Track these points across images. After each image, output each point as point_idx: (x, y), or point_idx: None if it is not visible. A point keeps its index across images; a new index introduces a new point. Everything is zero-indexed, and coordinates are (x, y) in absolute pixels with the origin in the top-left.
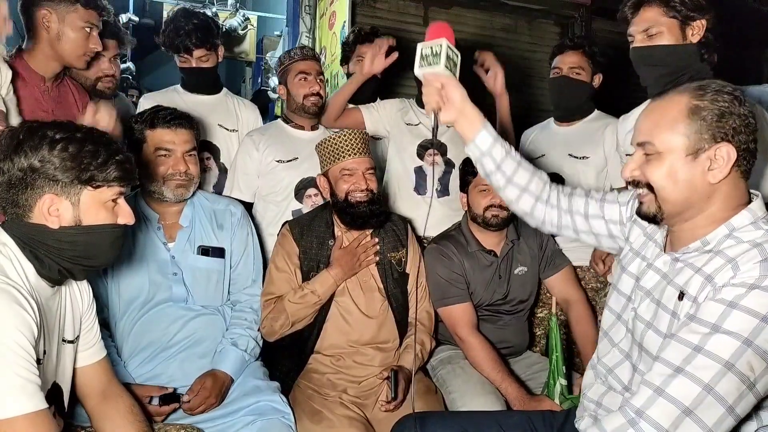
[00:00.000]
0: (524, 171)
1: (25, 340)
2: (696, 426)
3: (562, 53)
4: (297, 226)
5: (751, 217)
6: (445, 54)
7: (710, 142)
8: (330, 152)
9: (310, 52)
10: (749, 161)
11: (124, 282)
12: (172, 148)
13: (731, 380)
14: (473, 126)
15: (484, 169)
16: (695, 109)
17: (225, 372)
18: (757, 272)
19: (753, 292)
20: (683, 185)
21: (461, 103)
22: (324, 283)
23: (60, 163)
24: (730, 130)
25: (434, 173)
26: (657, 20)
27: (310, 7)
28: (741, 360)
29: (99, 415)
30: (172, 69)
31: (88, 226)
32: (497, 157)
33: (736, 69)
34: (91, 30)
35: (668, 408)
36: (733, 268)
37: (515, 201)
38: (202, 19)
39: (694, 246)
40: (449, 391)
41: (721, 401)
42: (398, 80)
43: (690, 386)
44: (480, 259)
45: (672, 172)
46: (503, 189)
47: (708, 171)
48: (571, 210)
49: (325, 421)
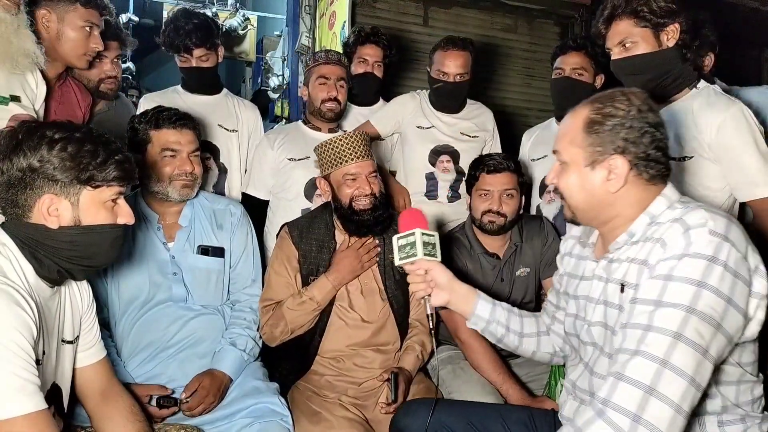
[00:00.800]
0: (529, 318)
1: (25, 340)
2: (662, 403)
3: (564, 54)
4: (296, 228)
5: (667, 201)
6: (421, 243)
7: (604, 155)
8: (331, 156)
9: (335, 56)
10: (653, 167)
11: (123, 282)
12: (178, 149)
13: (684, 350)
14: (468, 300)
15: (495, 335)
16: (591, 123)
17: (223, 372)
18: (683, 242)
19: (683, 260)
20: (586, 194)
21: (449, 283)
22: (322, 289)
23: (59, 163)
24: (622, 141)
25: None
26: (630, 32)
27: (310, 7)
28: (688, 328)
29: (99, 415)
30: (172, 69)
31: (87, 226)
32: (502, 319)
33: (736, 69)
34: (91, 29)
35: (631, 391)
36: (662, 245)
37: (537, 351)
38: (202, 19)
39: (621, 240)
40: (449, 392)
41: (680, 373)
42: (399, 80)
43: (647, 365)
44: (482, 262)
45: (576, 181)
46: (520, 346)
47: (607, 181)
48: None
49: (324, 422)
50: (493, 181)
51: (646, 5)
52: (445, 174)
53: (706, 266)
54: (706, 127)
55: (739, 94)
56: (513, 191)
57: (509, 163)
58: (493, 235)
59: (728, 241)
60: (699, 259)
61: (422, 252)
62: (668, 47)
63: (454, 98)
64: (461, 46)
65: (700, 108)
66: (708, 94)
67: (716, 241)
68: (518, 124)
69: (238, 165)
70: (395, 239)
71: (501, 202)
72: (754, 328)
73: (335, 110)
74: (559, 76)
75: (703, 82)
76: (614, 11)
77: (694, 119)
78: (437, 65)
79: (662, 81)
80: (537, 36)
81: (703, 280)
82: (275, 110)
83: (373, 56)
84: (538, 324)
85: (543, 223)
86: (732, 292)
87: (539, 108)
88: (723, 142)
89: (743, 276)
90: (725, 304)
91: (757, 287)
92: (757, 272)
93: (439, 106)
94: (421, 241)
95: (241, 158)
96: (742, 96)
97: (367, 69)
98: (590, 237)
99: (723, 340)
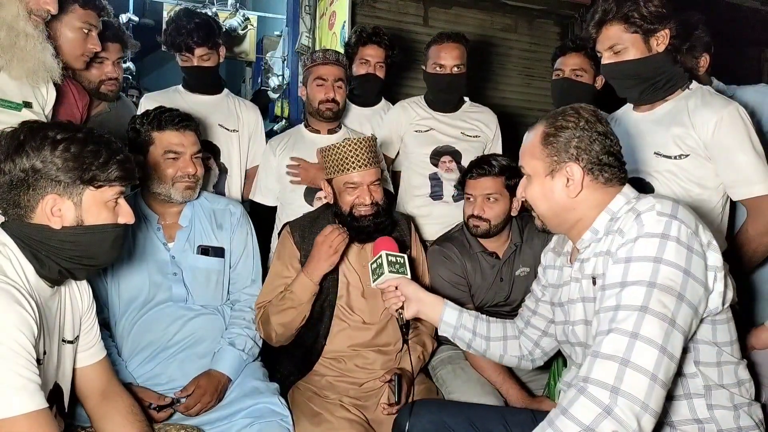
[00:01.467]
0: (496, 323)
1: (26, 339)
2: (638, 373)
3: (564, 55)
4: (298, 229)
5: (624, 198)
6: (386, 263)
7: (560, 163)
8: (334, 162)
9: (333, 56)
10: (607, 170)
11: (124, 282)
12: (181, 151)
13: (651, 321)
14: (435, 308)
15: (464, 341)
16: (546, 135)
17: (221, 372)
18: (636, 226)
19: (638, 241)
20: (549, 201)
21: (415, 293)
22: (300, 285)
23: (63, 163)
24: (575, 150)
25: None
26: (620, 37)
27: (310, 7)
28: (652, 300)
29: (99, 416)
30: (172, 69)
31: (90, 225)
32: (468, 324)
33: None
34: (89, 30)
35: (607, 365)
36: (620, 234)
37: (504, 354)
38: (204, 19)
39: (587, 237)
40: (449, 392)
41: (650, 343)
42: (401, 80)
43: (619, 339)
44: (482, 261)
45: (539, 190)
46: (488, 350)
47: (566, 187)
48: (541, 315)
49: (325, 423)
50: (474, 185)
51: (636, 11)
52: (449, 174)
53: (659, 243)
54: (702, 125)
55: (735, 94)
56: (496, 195)
57: (491, 168)
58: (483, 239)
59: (677, 219)
60: (652, 238)
61: (388, 270)
62: (658, 52)
63: (453, 91)
64: (455, 38)
65: (695, 107)
66: (703, 93)
67: (664, 220)
68: (518, 124)
69: (239, 165)
70: (369, 265)
71: (483, 206)
72: (716, 300)
73: (333, 110)
74: (559, 77)
75: (695, 83)
76: (605, 16)
77: (689, 118)
78: (433, 59)
79: (653, 84)
80: (537, 36)
81: (659, 255)
82: (275, 110)
83: (374, 57)
84: (506, 329)
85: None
86: (688, 263)
87: (539, 108)
88: (719, 141)
89: (696, 249)
90: (683, 275)
91: (712, 260)
92: (710, 247)
93: (438, 103)
94: (387, 261)
95: (242, 158)
96: (738, 95)
97: (369, 70)
98: (564, 246)
99: (688, 311)
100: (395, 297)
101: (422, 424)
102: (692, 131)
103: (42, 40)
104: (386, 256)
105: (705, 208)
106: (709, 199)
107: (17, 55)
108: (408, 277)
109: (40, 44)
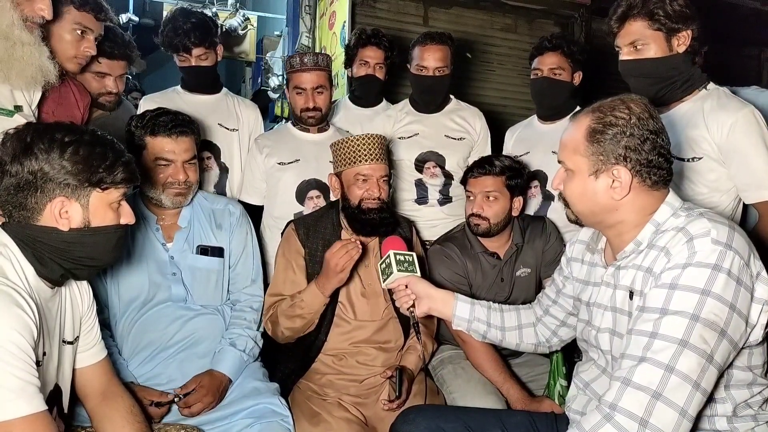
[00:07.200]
0: (509, 312)
1: (25, 341)
2: (668, 408)
3: (541, 54)
4: (302, 226)
5: (670, 209)
6: (395, 262)
7: (607, 164)
8: (346, 154)
9: (311, 61)
10: (655, 173)
11: (123, 282)
12: (172, 158)
13: (690, 357)
14: (447, 303)
15: (479, 332)
16: (593, 132)
17: (222, 372)
18: (686, 252)
19: (687, 269)
20: (590, 201)
21: (426, 291)
22: (312, 296)
23: (72, 166)
24: (623, 150)
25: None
26: (642, 33)
27: (310, 7)
28: (693, 335)
29: (99, 416)
30: (172, 69)
31: (96, 227)
32: (482, 316)
33: (736, 69)
34: (84, 33)
35: (638, 396)
36: (666, 254)
37: (521, 342)
38: (200, 18)
39: (629, 249)
40: (450, 391)
41: (685, 379)
42: (401, 81)
43: (653, 371)
44: (483, 261)
45: (580, 189)
46: (504, 340)
47: (611, 189)
48: (561, 306)
49: (323, 424)
50: (475, 184)
51: (661, 8)
52: (434, 179)
53: (709, 274)
54: (717, 128)
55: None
56: (496, 194)
57: (492, 167)
58: (484, 237)
59: (731, 249)
60: (703, 268)
61: (397, 269)
62: (678, 53)
63: (435, 92)
64: (439, 40)
65: (711, 109)
66: (719, 95)
67: (719, 250)
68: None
69: (239, 164)
70: (378, 266)
71: (482, 205)
72: (758, 333)
73: (316, 117)
74: (537, 76)
75: (713, 84)
76: (629, 11)
77: (704, 120)
78: (416, 60)
79: (671, 85)
80: (537, 36)
81: (707, 288)
82: (275, 110)
83: (374, 58)
84: (520, 317)
85: (545, 224)
86: (735, 298)
87: None
88: (733, 144)
89: (746, 282)
90: (729, 310)
91: (760, 293)
92: (760, 278)
93: (422, 104)
94: (395, 261)
95: (242, 157)
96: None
97: (369, 71)
98: (599, 243)
99: (727, 346)
100: (406, 296)
101: (419, 430)
102: (706, 134)
103: (38, 44)
104: (394, 256)
105: (716, 211)
106: (720, 202)
107: (15, 66)
108: (417, 275)
109: (36, 50)
